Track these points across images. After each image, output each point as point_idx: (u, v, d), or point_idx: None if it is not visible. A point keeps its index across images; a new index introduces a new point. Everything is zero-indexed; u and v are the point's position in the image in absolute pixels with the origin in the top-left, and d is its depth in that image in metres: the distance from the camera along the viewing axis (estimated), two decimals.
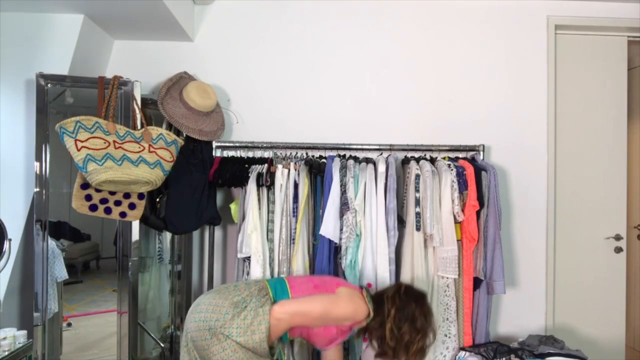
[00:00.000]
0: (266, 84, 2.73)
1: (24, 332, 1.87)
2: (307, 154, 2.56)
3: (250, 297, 1.73)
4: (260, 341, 1.64)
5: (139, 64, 2.65)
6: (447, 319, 2.34)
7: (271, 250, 2.30)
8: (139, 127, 2.22)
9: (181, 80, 2.50)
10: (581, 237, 2.83)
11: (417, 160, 2.46)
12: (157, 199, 2.38)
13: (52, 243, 2.19)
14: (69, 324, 2.38)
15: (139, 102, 2.26)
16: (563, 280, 2.79)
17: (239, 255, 2.30)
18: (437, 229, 2.29)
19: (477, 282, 2.40)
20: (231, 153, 2.60)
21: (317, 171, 2.36)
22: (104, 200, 2.15)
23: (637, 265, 3.20)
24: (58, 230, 2.28)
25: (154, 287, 2.66)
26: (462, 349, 2.33)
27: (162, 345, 2.62)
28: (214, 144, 2.56)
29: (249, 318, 1.66)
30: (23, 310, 2.28)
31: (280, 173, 2.33)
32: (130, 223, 2.25)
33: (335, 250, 2.30)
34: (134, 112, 2.24)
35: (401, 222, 2.37)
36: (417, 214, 2.29)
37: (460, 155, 2.59)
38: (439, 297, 2.34)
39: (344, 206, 2.28)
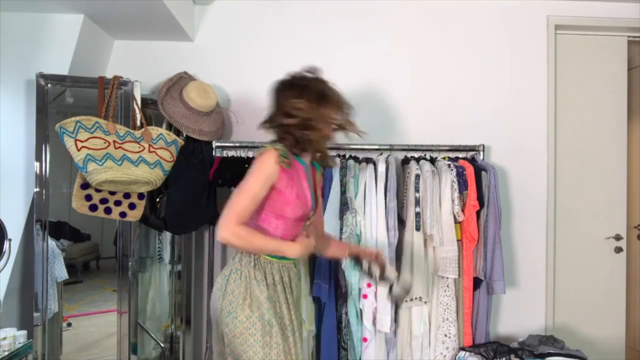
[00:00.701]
0: (266, 84, 2.72)
1: (24, 332, 1.87)
2: None
3: (228, 268, 1.65)
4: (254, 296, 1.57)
5: (139, 64, 2.65)
6: (447, 319, 2.34)
7: None
8: (139, 127, 2.22)
9: (181, 80, 2.50)
10: (581, 237, 2.83)
11: (417, 160, 2.46)
12: (157, 199, 2.38)
13: (52, 243, 2.19)
14: (69, 324, 2.38)
15: (139, 102, 2.26)
16: (563, 280, 2.79)
17: None
18: (437, 229, 2.29)
19: (477, 282, 2.40)
20: (231, 153, 2.60)
21: None
22: (104, 200, 2.15)
23: (637, 265, 3.20)
24: (58, 230, 2.28)
25: (154, 287, 2.66)
26: (462, 349, 2.33)
27: (162, 345, 2.62)
28: (214, 144, 2.55)
29: (237, 288, 1.57)
30: (23, 310, 2.28)
31: None
32: (130, 223, 2.25)
33: None
34: (134, 112, 2.24)
35: (401, 222, 2.37)
36: (417, 214, 2.29)
37: (460, 155, 2.58)
38: (438, 297, 2.35)
39: (344, 206, 2.28)
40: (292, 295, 1.70)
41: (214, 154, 2.55)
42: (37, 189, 2.13)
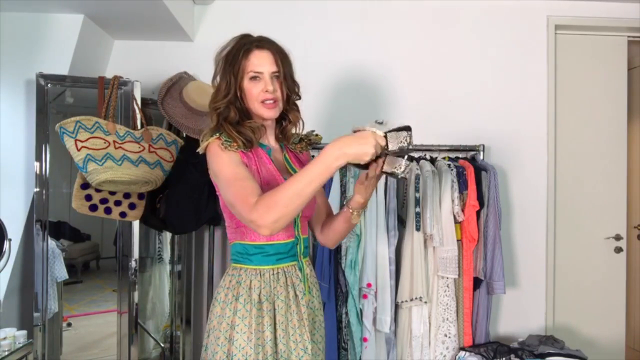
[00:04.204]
0: None
1: (24, 332, 1.86)
2: None
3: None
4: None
5: (139, 64, 2.64)
6: (447, 319, 2.34)
7: None
8: (139, 127, 2.22)
9: (181, 80, 2.50)
10: (581, 237, 2.83)
11: (417, 160, 2.46)
12: (157, 199, 2.38)
13: (52, 243, 2.18)
14: (69, 324, 2.38)
15: (139, 102, 2.26)
16: (563, 280, 2.79)
17: None
18: (437, 229, 2.29)
19: (477, 282, 2.40)
20: None
21: None
22: (104, 200, 2.15)
23: (637, 265, 3.20)
24: (58, 230, 2.28)
25: (154, 287, 2.66)
26: (462, 349, 2.33)
27: (162, 345, 2.62)
28: None
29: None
30: (23, 310, 2.28)
31: None
32: (130, 223, 2.25)
33: (335, 250, 2.30)
34: (134, 112, 2.23)
35: (401, 222, 2.37)
36: (417, 214, 2.29)
37: (460, 155, 2.58)
38: (438, 297, 2.35)
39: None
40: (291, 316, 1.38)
41: None
42: (37, 189, 2.13)
